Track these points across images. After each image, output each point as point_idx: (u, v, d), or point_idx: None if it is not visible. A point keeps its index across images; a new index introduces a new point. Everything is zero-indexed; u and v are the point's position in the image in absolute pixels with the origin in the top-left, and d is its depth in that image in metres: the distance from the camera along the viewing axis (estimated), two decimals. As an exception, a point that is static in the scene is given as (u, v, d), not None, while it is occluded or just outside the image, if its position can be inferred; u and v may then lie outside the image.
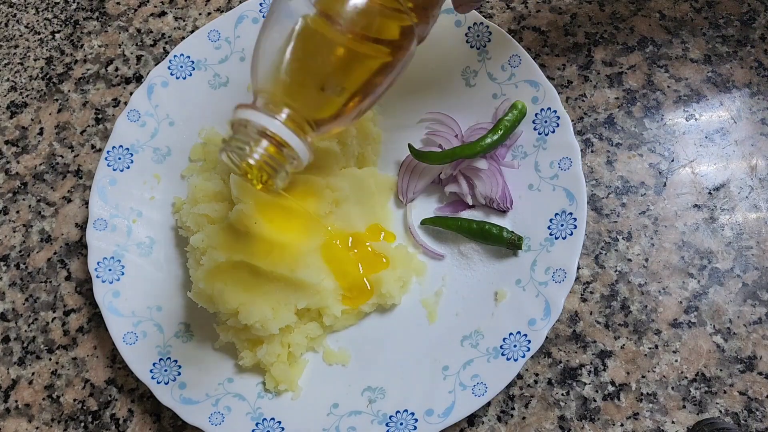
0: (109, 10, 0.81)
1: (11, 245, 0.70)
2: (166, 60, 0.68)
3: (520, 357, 0.56)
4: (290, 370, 0.59)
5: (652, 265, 0.63)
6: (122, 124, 0.67)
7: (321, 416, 0.58)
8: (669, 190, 0.66)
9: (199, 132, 0.69)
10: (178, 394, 0.59)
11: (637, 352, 0.60)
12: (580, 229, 0.59)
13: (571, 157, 0.61)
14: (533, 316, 0.58)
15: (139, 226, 0.66)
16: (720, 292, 0.62)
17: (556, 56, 0.72)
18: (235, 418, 0.58)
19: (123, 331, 0.60)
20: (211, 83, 0.70)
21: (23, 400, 0.64)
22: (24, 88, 0.78)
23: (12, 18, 0.82)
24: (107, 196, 0.65)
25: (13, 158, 0.74)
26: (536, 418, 0.59)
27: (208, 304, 0.59)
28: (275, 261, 0.59)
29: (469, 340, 0.59)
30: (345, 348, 0.62)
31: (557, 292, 0.57)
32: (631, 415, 0.58)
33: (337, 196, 0.62)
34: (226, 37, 0.70)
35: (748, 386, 0.59)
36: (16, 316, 0.67)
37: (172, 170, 0.69)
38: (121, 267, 0.63)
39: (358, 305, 0.61)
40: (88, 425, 0.63)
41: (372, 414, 0.58)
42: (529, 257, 0.61)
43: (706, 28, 0.72)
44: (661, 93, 0.70)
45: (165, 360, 0.60)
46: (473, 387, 0.56)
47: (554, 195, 0.61)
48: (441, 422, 0.55)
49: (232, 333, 0.60)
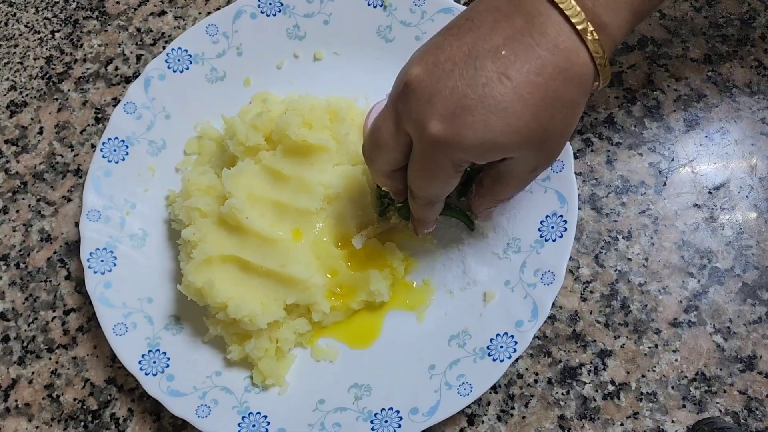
0: (108, 9, 0.81)
1: (11, 244, 0.70)
2: (164, 53, 0.69)
3: (506, 358, 0.56)
4: (278, 365, 0.60)
5: (652, 265, 0.63)
6: (118, 116, 0.67)
7: (307, 411, 0.58)
8: (669, 189, 0.66)
9: (194, 126, 0.70)
10: (166, 386, 0.59)
11: (637, 351, 0.60)
12: (570, 231, 0.59)
13: (563, 160, 0.61)
14: (521, 318, 0.58)
15: (132, 218, 0.66)
16: (720, 291, 0.62)
17: (556, 55, 0.72)
18: (222, 411, 0.58)
19: (113, 322, 0.61)
20: (208, 77, 0.70)
21: (23, 400, 0.64)
22: (24, 88, 0.78)
23: (12, 17, 0.82)
24: (101, 188, 0.65)
25: (12, 157, 0.74)
26: (536, 417, 0.59)
27: (198, 297, 0.59)
28: (265, 256, 0.60)
29: (456, 340, 0.60)
30: (333, 344, 0.62)
31: (545, 294, 0.58)
32: (631, 415, 0.58)
33: (330, 193, 0.62)
34: (224, 32, 0.70)
35: (748, 386, 0.59)
36: (15, 315, 0.67)
37: (167, 163, 0.69)
38: (114, 258, 0.64)
39: (347, 302, 0.62)
40: (88, 424, 0.63)
41: (357, 411, 0.58)
42: (518, 259, 0.61)
43: (706, 28, 0.72)
44: (661, 92, 0.70)
45: (154, 352, 0.60)
46: (459, 387, 0.57)
47: (546, 197, 0.61)
48: (425, 421, 0.56)
49: (221, 326, 0.60)
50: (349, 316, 0.63)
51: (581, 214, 0.65)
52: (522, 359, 0.61)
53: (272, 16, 0.70)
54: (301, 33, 0.71)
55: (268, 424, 0.58)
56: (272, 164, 0.62)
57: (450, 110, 0.46)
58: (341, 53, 0.71)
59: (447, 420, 0.59)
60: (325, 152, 0.63)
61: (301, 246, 0.61)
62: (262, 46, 0.71)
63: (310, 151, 0.63)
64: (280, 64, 0.72)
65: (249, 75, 0.71)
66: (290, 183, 0.62)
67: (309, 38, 0.71)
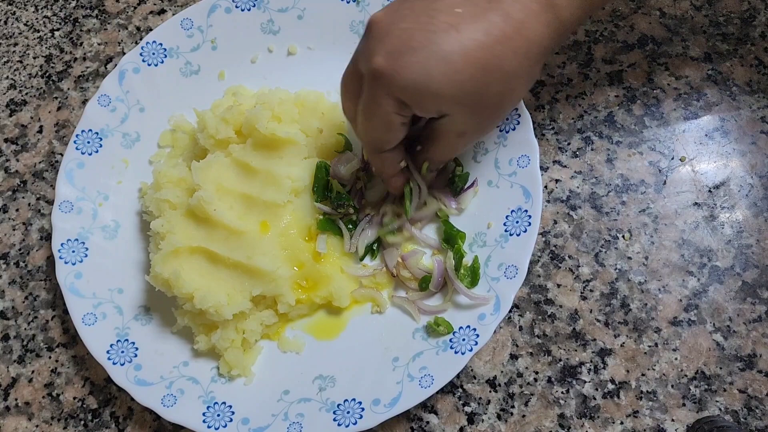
0: (108, 7, 0.81)
1: (11, 243, 0.70)
2: (138, 47, 0.69)
3: (467, 351, 0.57)
4: (244, 356, 0.60)
5: (652, 263, 0.63)
6: (92, 108, 0.68)
7: (272, 402, 0.59)
8: (669, 188, 0.66)
9: (168, 119, 0.70)
10: (133, 375, 0.59)
11: (636, 350, 0.60)
12: (534, 226, 0.59)
13: (529, 155, 0.61)
14: (483, 311, 0.58)
15: (104, 210, 0.67)
16: (720, 290, 0.62)
17: (556, 54, 0.72)
18: (188, 400, 0.59)
19: (83, 312, 0.61)
20: (182, 71, 0.71)
21: (23, 399, 0.64)
22: (23, 86, 0.78)
23: (11, 16, 0.82)
24: (74, 179, 0.66)
25: (12, 156, 0.74)
26: (536, 416, 0.59)
27: (166, 287, 0.60)
28: (232, 247, 0.61)
29: (420, 333, 0.60)
30: (300, 336, 0.63)
31: (508, 288, 0.58)
32: (631, 413, 0.58)
33: (297, 186, 0.63)
34: (198, 26, 0.70)
35: (748, 384, 0.59)
36: (15, 314, 0.67)
37: (140, 156, 0.69)
38: (85, 249, 0.64)
39: (311, 296, 0.62)
40: (88, 423, 0.63)
41: (321, 402, 0.58)
42: (483, 253, 0.61)
43: (706, 26, 0.72)
44: (661, 91, 0.70)
45: (123, 342, 0.61)
46: (420, 379, 0.57)
47: (511, 192, 0.62)
48: (386, 412, 0.56)
49: (188, 317, 0.61)
50: (314, 311, 0.64)
51: (581, 213, 0.65)
52: (522, 358, 0.61)
53: (246, 10, 0.71)
54: (276, 27, 0.72)
55: (233, 414, 0.58)
56: (241, 157, 0.63)
57: (396, 48, 0.49)
58: (315, 48, 0.72)
59: (447, 419, 0.59)
60: (294, 145, 0.64)
61: (268, 238, 0.62)
62: (236, 40, 0.71)
63: (279, 144, 0.63)
64: (254, 59, 0.72)
65: (223, 69, 0.72)
66: (259, 176, 0.63)
67: (283, 33, 0.72)
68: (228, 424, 0.58)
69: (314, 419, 0.57)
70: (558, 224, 0.65)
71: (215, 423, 0.58)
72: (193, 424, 0.57)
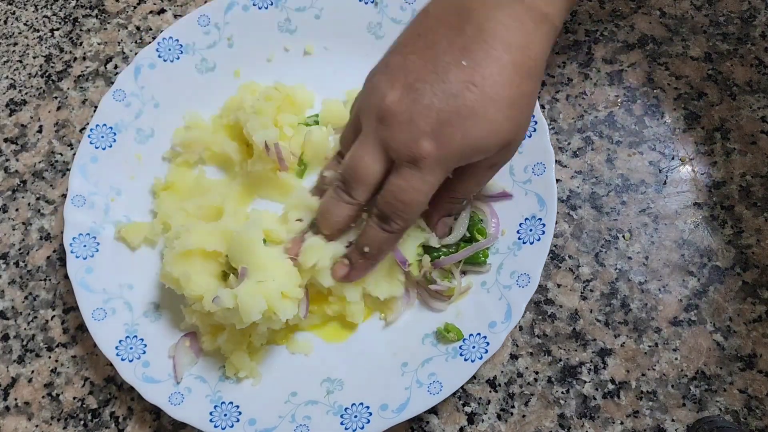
0: (108, 7, 0.81)
1: (10, 243, 0.70)
2: (155, 42, 0.69)
3: (477, 358, 0.57)
4: (250, 359, 0.60)
5: (652, 263, 0.63)
6: (107, 103, 0.67)
7: (279, 403, 0.59)
8: (669, 187, 0.66)
9: (183, 115, 0.70)
10: (141, 372, 0.59)
11: (637, 350, 0.60)
12: (548, 235, 0.59)
13: (545, 163, 0.61)
14: (494, 319, 0.58)
15: (117, 205, 0.66)
16: (720, 290, 0.62)
17: (556, 54, 0.72)
18: (195, 399, 0.59)
19: (93, 307, 0.61)
20: (198, 68, 0.70)
21: (23, 398, 0.64)
22: (23, 86, 0.78)
23: (11, 15, 0.82)
24: (88, 174, 0.66)
25: (12, 156, 0.74)
26: (536, 416, 0.59)
27: (176, 286, 0.59)
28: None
29: (429, 339, 0.60)
30: (309, 338, 0.62)
31: (519, 297, 0.58)
32: (631, 413, 0.58)
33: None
34: (215, 23, 0.70)
35: (748, 384, 0.59)
36: (15, 314, 0.67)
37: (154, 151, 0.69)
38: (97, 244, 0.64)
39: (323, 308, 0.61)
40: (88, 423, 0.63)
41: (328, 405, 0.58)
42: (496, 260, 0.61)
43: (706, 26, 0.72)
44: (661, 91, 0.70)
45: (131, 338, 0.61)
46: (429, 385, 0.57)
47: (526, 200, 0.61)
48: (394, 417, 0.56)
49: (197, 316, 0.60)
50: (325, 323, 0.63)
51: (582, 213, 0.65)
52: (522, 358, 0.61)
53: (264, 8, 0.71)
54: (292, 27, 0.71)
55: (240, 414, 0.58)
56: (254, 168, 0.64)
57: (433, 128, 0.48)
58: (331, 48, 0.72)
59: (447, 419, 0.59)
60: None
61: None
62: (253, 38, 0.71)
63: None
64: (270, 57, 0.72)
65: (239, 67, 0.71)
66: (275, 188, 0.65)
67: (300, 32, 0.71)
68: (235, 424, 0.57)
69: (321, 422, 0.57)
70: (558, 224, 0.65)
71: (222, 423, 0.57)
72: (200, 423, 0.57)
